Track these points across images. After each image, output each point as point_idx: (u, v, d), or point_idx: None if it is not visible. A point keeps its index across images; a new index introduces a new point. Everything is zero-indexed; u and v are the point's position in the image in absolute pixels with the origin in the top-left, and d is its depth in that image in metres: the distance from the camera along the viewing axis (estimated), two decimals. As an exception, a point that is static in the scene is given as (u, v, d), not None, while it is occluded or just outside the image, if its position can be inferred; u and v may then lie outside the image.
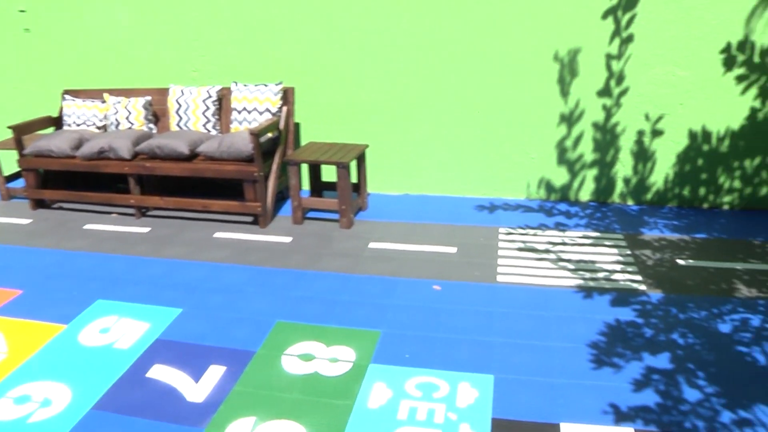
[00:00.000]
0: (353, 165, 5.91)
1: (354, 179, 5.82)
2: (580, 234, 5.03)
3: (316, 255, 4.81)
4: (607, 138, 5.41)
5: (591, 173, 5.55)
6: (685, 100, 5.19)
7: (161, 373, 3.42)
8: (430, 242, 4.96)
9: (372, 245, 4.94)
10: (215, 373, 3.39)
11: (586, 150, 5.48)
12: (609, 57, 5.15)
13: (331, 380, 3.30)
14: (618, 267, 4.48)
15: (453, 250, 4.80)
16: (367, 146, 5.53)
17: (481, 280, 4.30)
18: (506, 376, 3.26)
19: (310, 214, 5.61)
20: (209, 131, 5.76)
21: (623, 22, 5.05)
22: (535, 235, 5.03)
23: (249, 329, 3.79)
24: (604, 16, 5.05)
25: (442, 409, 3.02)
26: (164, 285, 4.41)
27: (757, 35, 4.97)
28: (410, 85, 5.65)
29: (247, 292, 4.26)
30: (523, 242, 4.89)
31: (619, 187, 5.55)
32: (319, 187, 5.77)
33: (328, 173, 6.03)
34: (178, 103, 5.75)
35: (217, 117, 5.80)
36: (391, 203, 5.84)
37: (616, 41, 5.09)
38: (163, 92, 6.01)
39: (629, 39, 5.07)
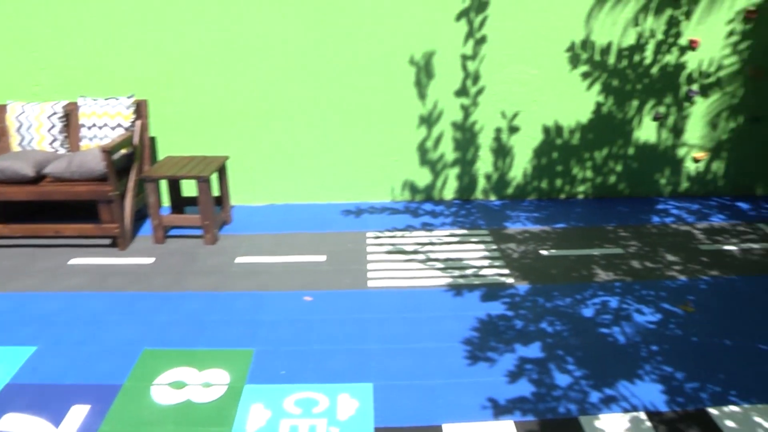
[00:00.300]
0: (214, 178, 5.73)
1: (216, 192, 5.66)
2: (447, 232, 5.17)
3: (181, 275, 4.59)
4: (466, 137, 5.60)
5: (453, 172, 5.72)
6: (538, 97, 5.49)
7: (14, 423, 3.11)
8: (299, 252, 4.89)
9: (239, 260, 4.80)
10: (78, 414, 3.12)
11: (447, 149, 5.64)
12: (464, 58, 5.34)
13: (205, 407, 3.15)
14: (485, 262, 4.64)
15: (322, 258, 4.77)
16: (227, 158, 5.36)
17: (352, 287, 4.30)
18: (385, 382, 3.26)
19: (172, 232, 5.36)
20: (57, 150, 5.35)
21: (476, 23, 5.24)
22: (402, 236, 5.11)
23: (113, 361, 3.53)
24: (458, 18, 5.22)
25: (324, 424, 2.97)
26: (13, 322, 4.01)
27: (596, 35, 5.35)
28: (268, 92, 5.55)
29: (108, 320, 3.97)
30: (392, 245, 4.95)
31: (481, 183, 5.77)
32: (180, 203, 5.53)
33: (189, 188, 5.81)
34: (19, 121, 5.28)
35: (64, 134, 5.38)
36: (257, 215, 5.71)
37: (470, 42, 5.28)
38: (1, 110, 5.54)
39: (482, 40, 5.28)
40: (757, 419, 3.04)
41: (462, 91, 5.47)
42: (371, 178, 5.77)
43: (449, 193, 5.82)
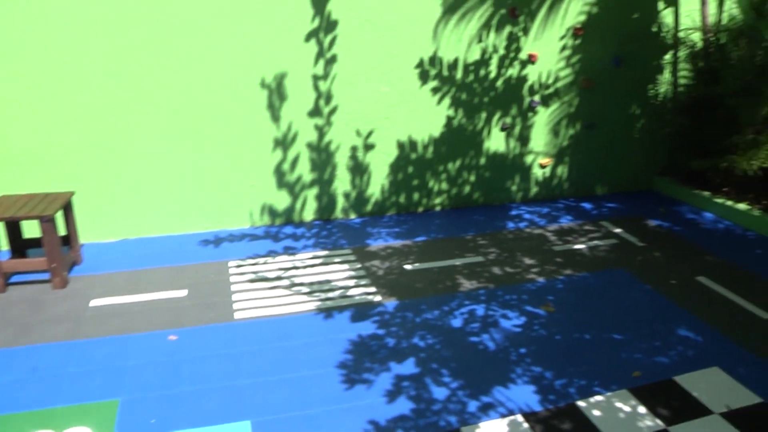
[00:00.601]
0: (59, 216, 5.34)
1: (62, 231, 5.29)
2: (310, 255, 5.16)
3: (27, 326, 4.19)
4: (323, 157, 5.63)
5: (312, 193, 5.72)
6: (391, 113, 5.63)
7: None
8: (159, 288, 4.66)
9: (94, 303, 4.48)
10: None
11: (304, 171, 5.63)
12: (316, 78, 5.37)
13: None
14: (352, 282, 4.68)
15: (183, 293, 4.58)
16: (72, 193, 4.99)
17: (218, 321, 4.16)
18: (263, 418, 3.19)
19: (15, 279, 4.91)
20: None
21: (326, 43, 5.29)
22: (265, 263, 5.03)
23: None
24: (307, 38, 5.25)
25: (201, 470, 2.86)
26: None
27: (443, 51, 5.59)
28: (112, 121, 5.23)
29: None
30: (255, 273, 4.86)
31: (341, 202, 5.82)
32: (21, 247, 5.07)
33: (30, 229, 5.36)
34: None
35: None
36: (110, 252, 5.37)
37: (321, 62, 5.32)
38: None
39: (333, 60, 5.34)
40: (618, 404, 3.28)
41: (315, 112, 5.49)
42: (228, 205, 5.63)
43: (309, 214, 5.81)
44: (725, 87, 5.88)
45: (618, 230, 5.78)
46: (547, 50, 5.96)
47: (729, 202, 6.16)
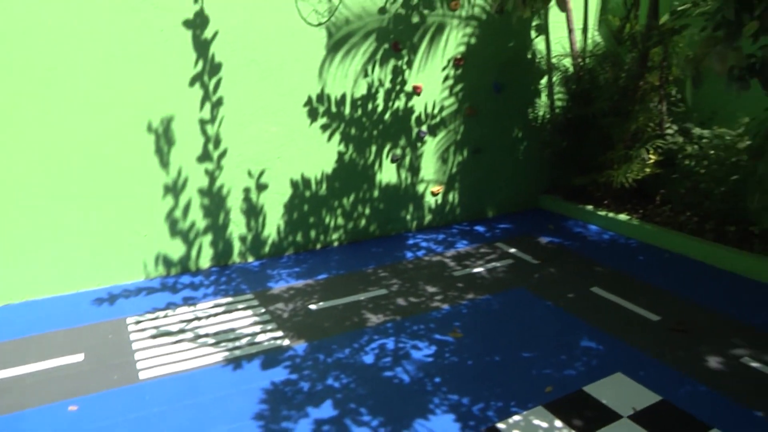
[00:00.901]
0: None
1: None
2: (211, 303, 5.04)
3: None
4: (215, 201, 5.53)
5: (207, 239, 5.61)
6: (282, 153, 5.63)
7: None
8: (52, 355, 4.36)
9: (-26, 378, 4.20)
10: None
11: (197, 217, 5.52)
12: (203, 122, 5.30)
13: None
14: (257, 328, 4.61)
15: (80, 357, 4.31)
16: (-63, 259, 4.68)
17: (122, 384, 3.96)
18: (181, 481, 3.09)
19: None
20: None
21: (211, 86, 5.23)
22: (166, 316, 4.86)
23: None
24: (192, 82, 5.18)
25: None
26: None
27: (330, 88, 5.67)
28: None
29: None
30: (156, 328, 4.68)
31: (237, 246, 5.74)
32: None
33: None
34: None
35: None
36: (-15, 319, 5.07)
37: (207, 106, 5.26)
38: None
39: (219, 102, 5.28)
40: (536, 422, 3.42)
41: (205, 156, 5.40)
42: (120, 258, 5.38)
43: (205, 261, 5.68)
44: (597, 108, 6.32)
45: (513, 250, 6.04)
46: (431, 81, 6.20)
47: (610, 214, 6.58)
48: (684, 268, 5.62)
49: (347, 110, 5.84)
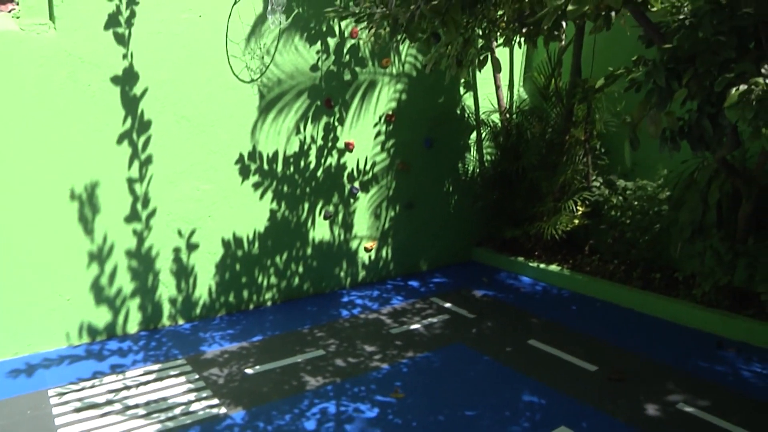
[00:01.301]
0: None
1: None
2: (141, 371, 4.83)
3: None
4: (144, 262, 5.37)
5: (135, 302, 5.41)
6: (213, 211, 5.55)
7: None
8: (-38, 435, 4.11)
9: None
10: None
11: (125, 280, 5.32)
12: (131, 181, 5.17)
13: None
14: (192, 396, 4.44)
15: (-3, 436, 4.10)
16: None
17: (45, 462, 3.76)
18: None
19: None
20: None
21: (140, 144, 5.14)
22: (92, 387, 4.62)
23: None
24: (120, 140, 5.07)
25: None
26: None
27: (263, 146, 5.67)
28: None
29: None
30: (81, 400, 4.43)
31: (167, 309, 5.55)
32: None
33: None
34: None
35: None
36: None
37: (136, 164, 5.15)
38: None
39: (149, 160, 5.19)
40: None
41: (133, 216, 5.24)
42: (40, 325, 5.09)
43: (133, 325, 5.46)
44: (525, 162, 6.54)
45: (448, 305, 6.09)
46: (363, 137, 6.29)
47: (542, 265, 6.75)
48: (615, 316, 5.80)
49: (279, 168, 5.84)
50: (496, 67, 5.00)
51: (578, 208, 6.54)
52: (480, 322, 5.68)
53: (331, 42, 5.93)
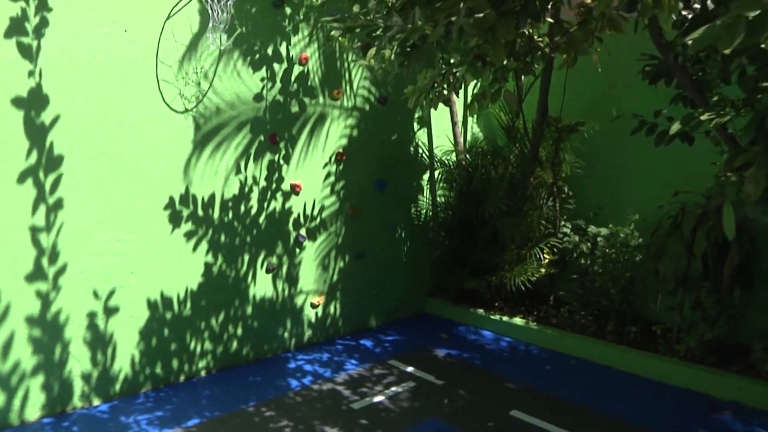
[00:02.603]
0: None
1: None
2: (46, 471, 3.82)
3: None
4: (50, 332, 4.30)
5: (37, 382, 4.30)
6: (137, 267, 4.58)
7: None
8: None
9: None
10: None
11: (24, 355, 4.23)
12: (36, 230, 4.14)
13: None
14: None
15: None
16: None
17: None
18: None
19: None
20: None
21: (47, 184, 4.15)
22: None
23: None
24: (21, 179, 4.06)
25: None
26: None
27: (197, 187, 4.78)
28: None
29: None
30: None
31: (79, 387, 4.47)
32: None
33: None
34: None
35: None
36: None
37: (42, 209, 4.14)
38: None
39: (59, 204, 4.19)
40: None
41: (37, 274, 4.19)
42: None
43: (34, 410, 4.32)
44: (489, 207, 5.94)
45: (410, 369, 5.33)
46: (311, 179, 5.49)
47: (504, 318, 6.13)
48: (595, 375, 5.22)
49: (216, 213, 4.94)
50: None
51: (545, 256, 6.02)
52: (450, 390, 4.94)
53: (278, 68, 5.16)
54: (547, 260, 5.97)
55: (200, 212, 4.85)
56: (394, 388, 4.97)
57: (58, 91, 4.09)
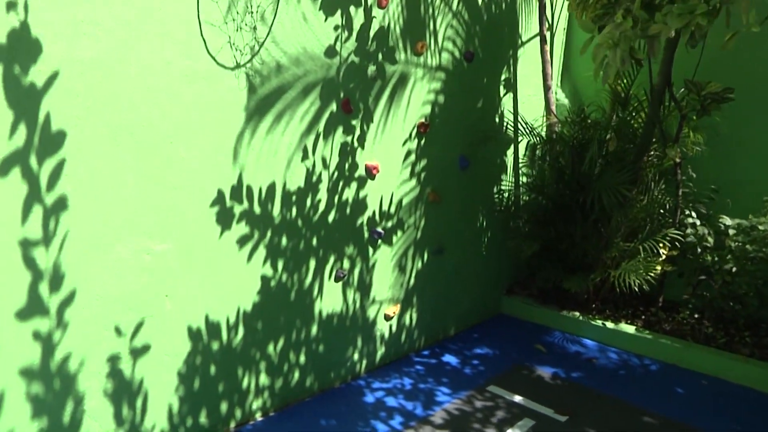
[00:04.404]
0: None
1: None
2: None
3: None
4: (55, 387, 2.71)
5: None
6: (173, 287, 3.04)
7: None
8: None
9: None
10: None
11: (21, 420, 2.66)
12: (28, 245, 2.50)
13: None
14: None
15: None
16: None
17: None
18: None
19: None
20: None
21: (43, 177, 2.52)
22: None
23: None
24: (3, 170, 2.46)
25: None
26: None
27: (251, 175, 3.22)
28: None
29: None
30: None
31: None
32: None
33: None
34: None
35: None
36: None
37: (37, 213, 2.51)
38: None
39: (61, 206, 2.54)
40: None
41: (33, 307, 2.58)
42: None
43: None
44: (607, 197, 4.42)
45: (518, 398, 3.91)
46: (389, 158, 3.97)
47: (608, 324, 4.77)
48: (737, 400, 3.94)
49: (276, 210, 3.40)
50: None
51: (662, 250, 4.65)
52: (579, 428, 3.66)
53: (354, 11, 3.57)
54: (664, 256, 4.62)
55: (257, 209, 3.30)
56: (510, 431, 3.64)
57: (54, 34, 2.50)
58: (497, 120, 4.83)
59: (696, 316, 4.63)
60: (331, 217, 3.68)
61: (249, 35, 3.06)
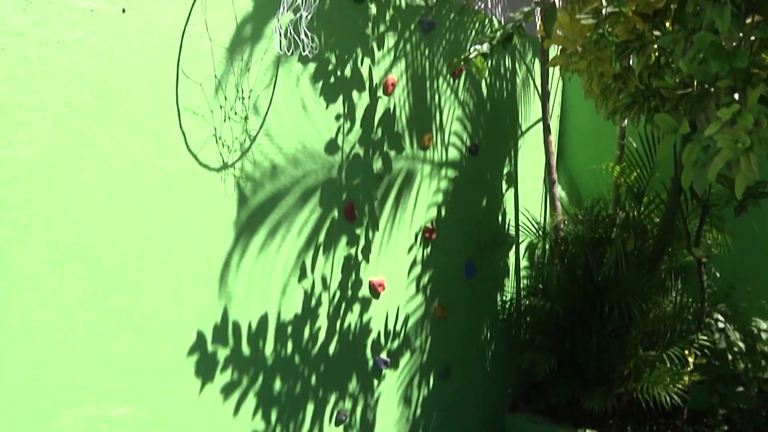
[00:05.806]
0: None
1: None
2: None
3: None
4: None
5: None
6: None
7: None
8: None
9: None
10: None
11: None
12: None
13: None
14: None
15: None
16: None
17: None
18: None
19: None
20: None
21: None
22: None
23: None
24: None
25: None
26: None
27: (239, 307, 2.37)
28: None
29: None
30: None
31: None
32: None
33: None
34: None
35: None
36: None
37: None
38: None
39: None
40: None
41: None
42: None
43: None
44: (634, 303, 3.77)
45: None
46: (394, 270, 3.19)
47: (632, 448, 4.07)
48: None
49: (269, 348, 2.53)
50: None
51: (689, 359, 4.04)
52: None
53: (357, 98, 2.86)
54: (691, 364, 4.01)
55: (245, 349, 2.42)
56: None
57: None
58: (500, 219, 4.20)
59: (726, 428, 4.00)
60: (331, 349, 2.85)
61: (239, 126, 2.30)
